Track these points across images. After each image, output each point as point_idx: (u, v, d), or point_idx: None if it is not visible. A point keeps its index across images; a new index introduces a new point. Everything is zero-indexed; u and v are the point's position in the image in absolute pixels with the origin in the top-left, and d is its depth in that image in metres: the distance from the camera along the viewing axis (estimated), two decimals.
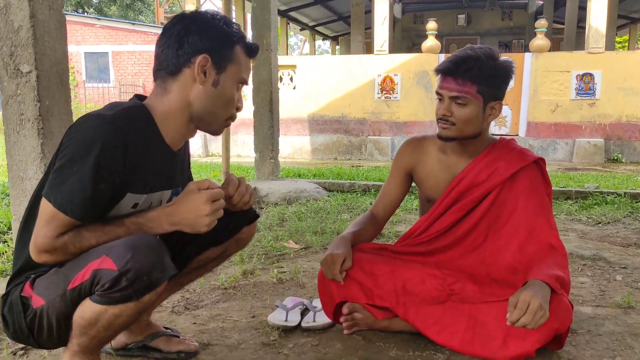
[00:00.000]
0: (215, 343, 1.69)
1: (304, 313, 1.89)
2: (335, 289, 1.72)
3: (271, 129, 5.01)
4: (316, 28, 17.22)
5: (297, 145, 9.48)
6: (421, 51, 8.95)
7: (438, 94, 1.71)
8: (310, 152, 9.44)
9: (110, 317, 1.16)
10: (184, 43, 1.24)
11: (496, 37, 15.51)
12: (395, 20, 14.00)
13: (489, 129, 1.81)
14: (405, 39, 15.61)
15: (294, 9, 14.06)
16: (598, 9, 8.09)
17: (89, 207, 1.16)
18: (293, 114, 9.35)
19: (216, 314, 1.95)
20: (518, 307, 1.40)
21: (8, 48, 2.00)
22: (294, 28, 16.69)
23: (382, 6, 9.04)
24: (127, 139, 1.18)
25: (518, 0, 14.21)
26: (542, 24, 8.34)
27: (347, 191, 4.98)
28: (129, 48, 18.03)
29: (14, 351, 1.61)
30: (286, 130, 9.18)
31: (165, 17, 18.92)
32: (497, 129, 8.52)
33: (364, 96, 9.09)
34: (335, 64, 9.44)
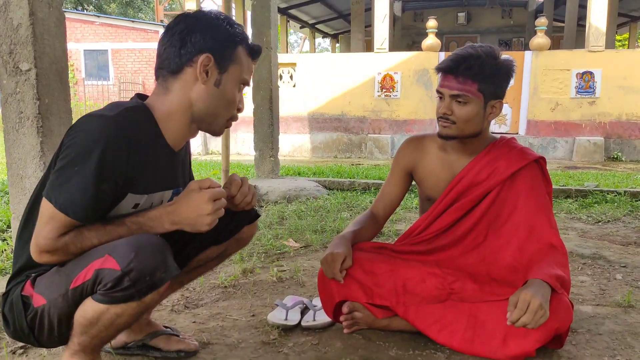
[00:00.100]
0: (215, 342, 1.69)
1: (304, 312, 1.89)
2: (335, 288, 1.72)
3: (271, 127, 5.00)
4: (316, 26, 17.20)
5: (297, 144, 9.47)
6: (421, 49, 8.93)
7: (439, 92, 1.70)
8: (310, 150, 9.43)
9: (112, 317, 1.16)
10: (186, 42, 1.24)
11: (496, 35, 15.50)
12: (396, 18, 13.99)
13: (489, 127, 1.80)
14: (405, 37, 15.60)
15: (294, 6, 14.03)
16: (598, 7, 8.08)
17: (91, 208, 1.15)
18: (293, 112, 9.34)
19: (216, 312, 1.95)
20: (518, 307, 1.40)
21: (7, 46, 1.99)
22: (294, 26, 16.67)
23: (382, 4, 9.02)
24: (129, 140, 1.18)
25: None
26: (542, 22, 8.33)
27: (347, 189, 4.97)
28: (128, 46, 18.02)
29: (13, 350, 1.61)
30: (286, 129, 9.17)
31: (165, 15, 18.90)
32: (497, 127, 8.51)
33: (364, 94, 9.08)
34: (335, 62, 9.42)
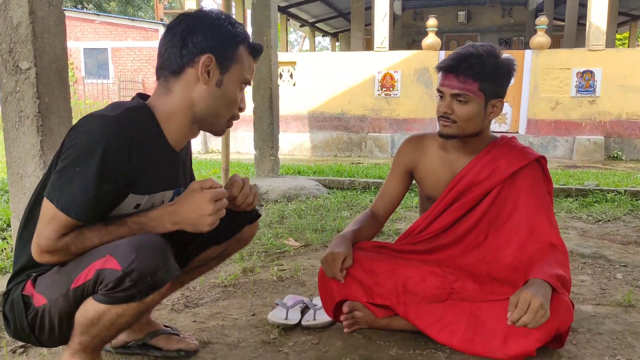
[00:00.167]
0: (215, 341, 1.69)
1: (304, 311, 1.89)
2: (335, 287, 1.72)
3: (271, 126, 5.00)
4: (316, 24, 17.19)
5: (297, 142, 9.47)
6: (421, 48, 8.93)
7: (439, 91, 1.70)
8: (310, 149, 9.43)
9: (113, 317, 1.15)
10: (188, 42, 1.23)
11: (496, 34, 15.50)
12: (396, 17, 13.98)
13: (490, 126, 1.80)
14: (405, 35, 15.59)
15: (293, 5, 14.02)
16: (598, 6, 8.08)
17: (92, 209, 1.15)
18: (293, 110, 9.34)
19: (216, 312, 1.95)
20: (519, 307, 1.39)
21: (7, 45, 1.99)
22: (294, 24, 16.66)
23: (383, 2, 9.02)
24: (131, 141, 1.17)
25: None
26: (543, 21, 8.32)
27: (347, 188, 4.97)
28: (128, 44, 18.00)
29: (13, 349, 1.61)
30: (286, 127, 9.17)
31: (164, 13, 18.89)
32: (497, 126, 8.51)
33: (364, 93, 9.07)
34: (335, 60, 9.42)
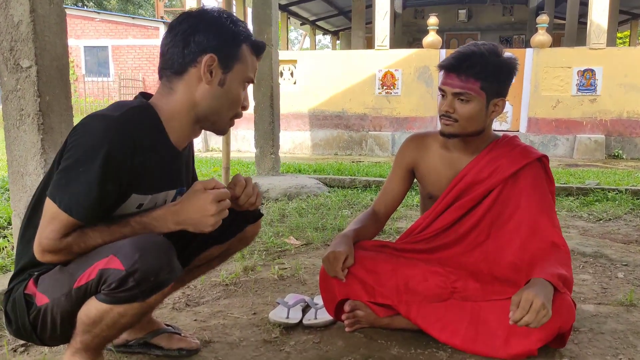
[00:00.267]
0: (217, 340, 1.68)
1: (305, 310, 1.89)
2: (337, 286, 1.72)
3: (272, 124, 4.99)
4: (317, 23, 17.17)
5: (298, 141, 9.46)
6: (422, 46, 8.91)
7: (441, 90, 1.70)
8: (311, 148, 9.42)
9: (115, 316, 1.15)
10: (190, 42, 1.23)
11: (497, 33, 15.47)
12: (396, 15, 13.95)
13: (491, 125, 1.80)
14: (406, 34, 15.57)
15: (294, 3, 14.01)
16: (600, 5, 8.06)
17: (95, 209, 1.15)
18: (293, 109, 9.33)
19: (217, 310, 1.95)
20: (521, 306, 1.39)
21: (8, 43, 1.98)
22: (295, 23, 16.65)
23: (383, 1, 8.99)
24: (134, 140, 1.17)
25: None
26: (544, 19, 8.30)
27: (348, 187, 4.97)
28: (128, 42, 17.99)
29: (14, 348, 1.61)
30: (286, 126, 9.15)
31: (165, 11, 18.87)
32: (498, 125, 8.50)
33: (365, 91, 9.06)
34: (336, 59, 9.41)
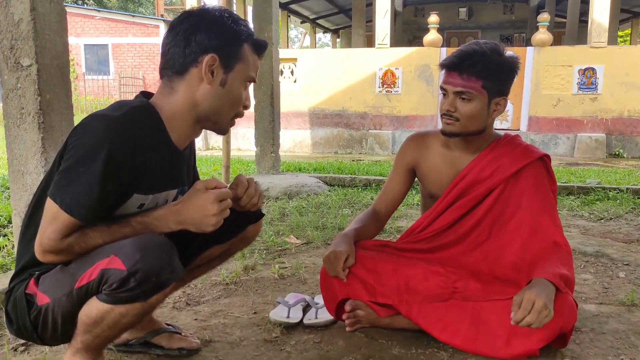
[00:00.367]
0: (217, 340, 1.68)
1: (305, 309, 1.89)
2: (337, 286, 1.71)
3: (272, 123, 4.98)
4: (317, 21, 17.15)
5: (298, 139, 9.45)
6: (422, 45, 8.90)
7: (442, 89, 1.69)
8: (311, 146, 9.41)
9: (116, 317, 1.15)
10: (191, 41, 1.22)
11: (498, 31, 15.44)
12: (397, 13, 13.92)
13: (493, 124, 1.79)
14: (407, 32, 15.55)
15: (294, 1, 13.99)
16: (601, 3, 8.04)
17: (96, 209, 1.14)
18: (294, 107, 9.32)
19: (217, 310, 1.95)
20: (522, 307, 1.39)
21: (8, 41, 1.98)
22: (295, 21, 16.62)
23: None
24: (135, 140, 1.16)
25: None
26: (544, 17, 8.29)
27: (348, 186, 4.96)
28: (128, 40, 17.97)
29: (14, 347, 1.61)
30: (287, 124, 9.15)
31: (165, 10, 18.85)
32: (499, 123, 8.49)
33: (365, 90, 9.05)
34: (336, 57, 9.40)
